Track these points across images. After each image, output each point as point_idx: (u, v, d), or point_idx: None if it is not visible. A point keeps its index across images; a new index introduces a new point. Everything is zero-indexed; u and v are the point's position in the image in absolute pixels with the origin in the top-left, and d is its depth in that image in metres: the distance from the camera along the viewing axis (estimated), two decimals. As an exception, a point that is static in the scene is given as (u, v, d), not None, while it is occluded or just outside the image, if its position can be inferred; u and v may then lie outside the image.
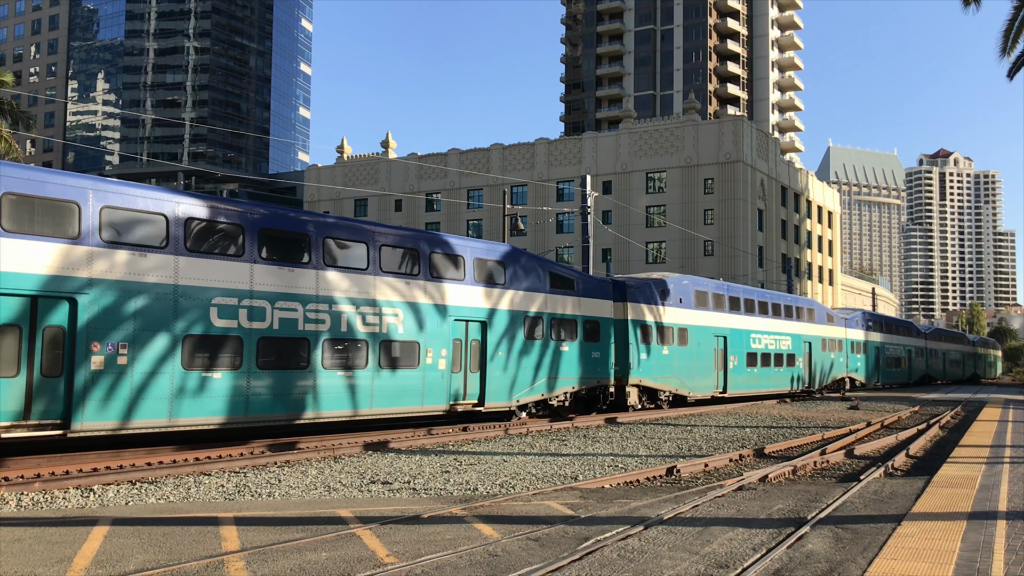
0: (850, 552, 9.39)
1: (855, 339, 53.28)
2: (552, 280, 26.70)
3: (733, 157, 79.85)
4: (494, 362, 24.22)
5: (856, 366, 53.25)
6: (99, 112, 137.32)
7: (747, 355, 38.54)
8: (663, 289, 32.73)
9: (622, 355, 29.95)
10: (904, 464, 18.28)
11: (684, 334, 33.64)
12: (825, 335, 47.93)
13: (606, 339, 29.05)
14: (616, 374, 29.85)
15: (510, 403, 24.91)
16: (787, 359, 42.69)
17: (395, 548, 9.47)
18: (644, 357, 30.84)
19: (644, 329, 31.02)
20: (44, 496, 12.80)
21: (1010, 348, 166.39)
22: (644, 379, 30.89)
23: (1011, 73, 34.79)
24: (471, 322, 23.70)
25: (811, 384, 45.70)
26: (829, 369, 48.34)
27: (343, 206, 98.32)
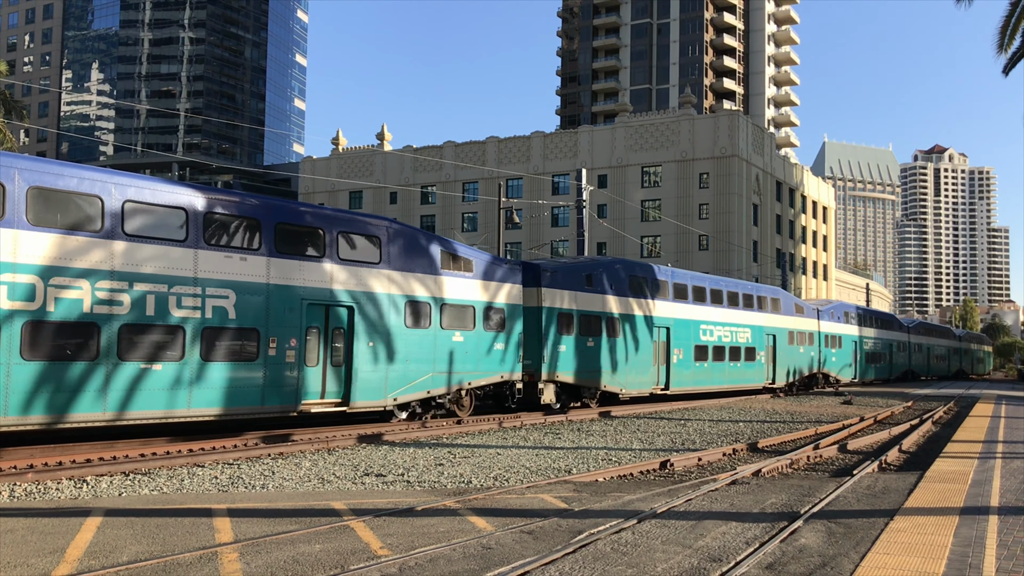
0: (843, 546, 9.41)
1: (829, 332, 50.05)
2: (445, 260, 23.52)
3: (728, 152, 79.88)
4: (364, 354, 20.87)
5: (831, 361, 50.15)
6: (93, 102, 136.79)
7: (695, 348, 35.18)
8: (589, 274, 29.51)
9: (534, 347, 26.75)
10: (897, 459, 18.34)
11: (614, 324, 30.22)
12: (793, 327, 44.54)
13: (513, 329, 25.78)
14: (526, 368, 26.59)
15: (385, 402, 21.58)
16: (746, 353, 39.35)
17: (389, 540, 9.47)
18: (563, 350, 27.63)
19: (563, 318, 27.79)
20: (37, 487, 12.78)
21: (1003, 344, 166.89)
22: (562, 374, 27.57)
23: (1007, 69, 34.79)
24: (334, 307, 20.41)
25: (775, 380, 42.36)
26: (797, 364, 45.06)
27: (338, 198, 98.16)
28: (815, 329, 47.51)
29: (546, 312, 27.14)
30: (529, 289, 26.93)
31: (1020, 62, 34.17)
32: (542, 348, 26.83)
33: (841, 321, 52.36)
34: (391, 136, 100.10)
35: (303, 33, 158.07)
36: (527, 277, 26.99)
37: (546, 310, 27.16)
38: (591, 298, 29.30)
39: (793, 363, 44.35)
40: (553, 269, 28.04)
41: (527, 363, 26.62)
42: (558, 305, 27.68)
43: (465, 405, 24.77)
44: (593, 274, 29.70)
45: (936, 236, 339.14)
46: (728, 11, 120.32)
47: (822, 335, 48.51)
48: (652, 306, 32.69)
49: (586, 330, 28.85)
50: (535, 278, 27.13)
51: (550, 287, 27.42)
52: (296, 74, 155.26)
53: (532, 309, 26.88)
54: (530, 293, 26.96)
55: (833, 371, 50.43)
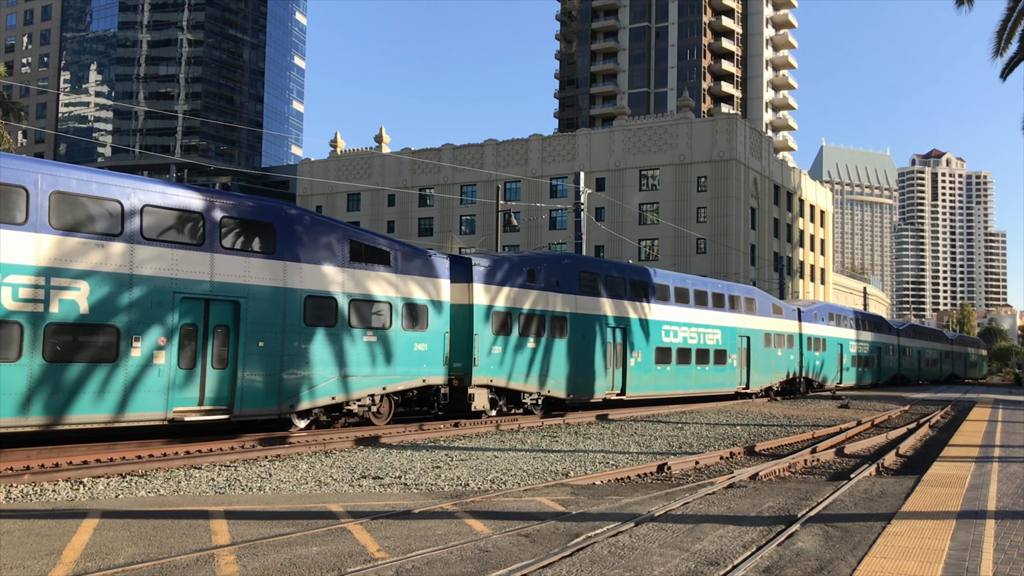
0: (840, 550, 9.41)
1: (812, 334, 47.42)
2: (354, 251, 21.27)
3: (726, 155, 79.95)
4: (252, 356, 18.61)
5: (813, 365, 47.40)
6: (91, 103, 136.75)
7: (656, 351, 32.82)
8: (532, 269, 27.22)
9: (464, 348, 24.57)
10: (894, 463, 18.35)
11: (562, 324, 28.05)
12: (770, 329, 41.91)
13: (438, 328, 23.47)
14: (455, 371, 24.42)
15: (279, 409, 19.29)
16: (715, 356, 36.88)
17: (386, 543, 9.46)
18: (498, 351, 25.37)
19: (500, 317, 25.59)
20: (34, 488, 12.76)
21: (999, 348, 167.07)
22: (497, 378, 25.41)
23: (1004, 74, 34.91)
24: (214, 301, 18.10)
25: (749, 385, 39.78)
26: (775, 368, 42.49)
27: (336, 200, 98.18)
28: (795, 331, 45.21)
29: (478, 310, 24.91)
30: (459, 285, 24.79)
31: (1017, 67, 34.28)
32: (473, 349, 24.60)
33: (825, 323, 50.07)
34: (389, 138, 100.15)
35: (301, 35, 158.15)
36: (457, 272, 24.84)
37: (479, 308, 24.92)
38: (534, 295, 27.08)
39: (770, 367, 41.95)
40: (488, 263, 25.76)
41: (456, 366, 24.45)
42: (493, 303, 25.45)
43: (383, 412, 22.50)
44: (536, 269, 27.41)
45: (933, 240, 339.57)
46: (726, 15, 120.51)
47: (804, 337, 46.13)
48: (606, 305, 30.41)
49: (528, 330, 26.67)
50: (466, 273, 24.96)
51: (484, 283, 25.22)
52: (294, 76, 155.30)
53: (462, 307, 24.75)
54: (460, 289, 24.79)
55: (816, 375, 48.09)
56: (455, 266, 24.92)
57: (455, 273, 24.77)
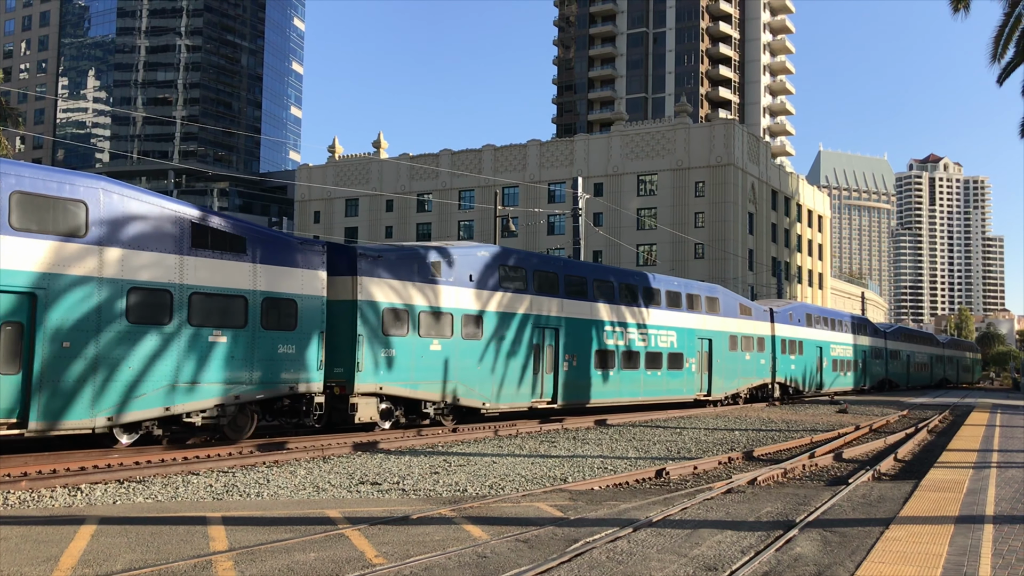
0: (838, 555, 9.41)
1: (787, 337, 44.36)
2: (198, 236, 18.21)
3: (724, 160, 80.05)
4: (55, 358, 15.77)
5: (788, 369, 44.44)
6: (89, 109, 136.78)
7: (597, 354, 29.91)
8: (437, 261, 24.07)
9: (345, 351, 21.37)
10: (892, 468, 18.35)
11: (476, 324, 24.98)
12: (736, 330, 38.92)
13: (311, 327, 20.37)
14: (335, 378, 21.32)
15: (94, 422, 16.44)
16: (669, 360, 33.88)
17: (384, 549, 9.45)
18: (392, 354, 22.22)
19: (392, 316, 22.38)
20: (31, 495, 12.74)
21: (997, 353, 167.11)
22: (390, 385, 22.23)
23: (1001, 79, 34.97)
24: (3, 294, 15.35)
25: (711, 391, 36.82)
26: (743, 373, 39.52)
27: (334, 206, 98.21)
28: (767, 333, 42.33)
29: (364, 307, 21.69)
30: (340, 278, 21.69)
31: (1014, 72, 34.35)
32: (357, 352, 21.35)
33: (802, 324, 47.08)
34: (387, 144, 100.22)
35: (299, 41, 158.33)
36: (337, 263, 21.79)
37: (365, 304, 21.71)
38: (439, 291, 23.91)
39: (737, 372, 38.96)
40: (377, 254, 22.57)
41: (337, 371, 21.35)
42: (384, 299, 22.24)
43: (241, 425, 19.42)
44: (443, 262, 24.32)
45: (931, 245, 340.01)
46: (724, 20, 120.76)
47: (777, 340, 43.19)
48: (533, 303, 27.36)
49: (430, 330, 23.53)
50: (349, 264, 21.82)
51: (371, 276, 22.05)
52: (292, 82, 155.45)
53: (344, 303, 21.62)
54: (341, 283, 21.68)
55: (791, 380, 45.11)
56: (336, 256, 21.86)
57: (336, 264, 21.72)
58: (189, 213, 18.17)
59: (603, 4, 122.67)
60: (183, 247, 17.92)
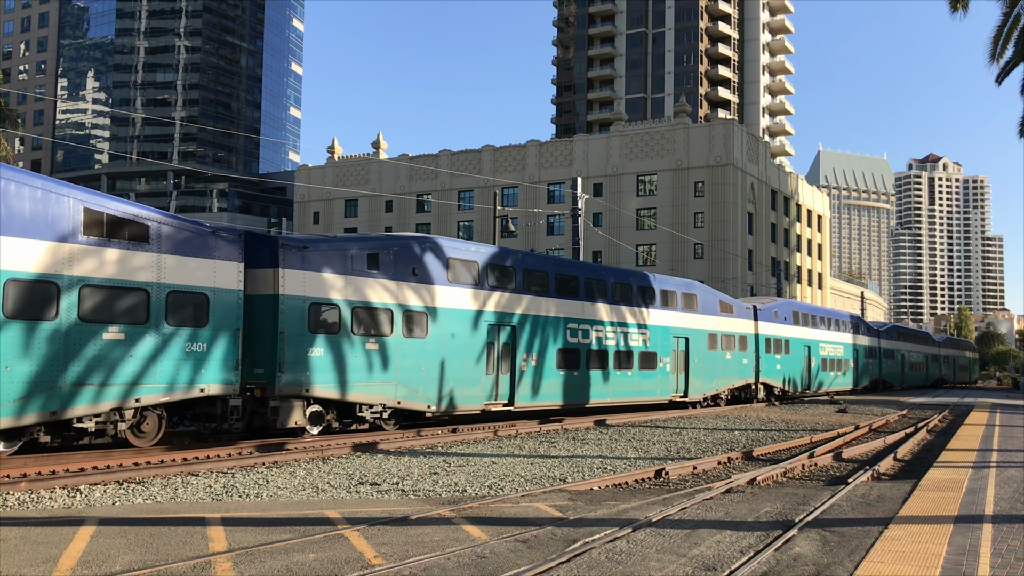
0: (837, 555, 9.42)
1: (772, 335, 42.82)
2: (91, 222, 16.66)
3: (723, 160, 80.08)
4: None
5: (773, 369, 42.82)
6: (89, 110, 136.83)
7: (559, 353, 28.25)
8: (375, 254, 22.31)
9: (267, 350, 19.81)
10: (891, 467, 18.35)
11: (420, 321, 23.19)
12: (716, 329, 37.34)
13: (225, 324, 18.85)
14: (256, 379, 19.80)
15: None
16: (641, 359, 32.26)
17: (383, 549, 9.45)
18: (319, 354, 20.55)
19: (324, 312, 20.82)
20: (30, 496, 12.74)
21: (997, 352, 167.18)
22: (319, 387, 20.46)
23: (999, 78, 35.00)
24: None
25: (688, 392, 35.16)
26: (723, 373, 37.96)
27: (333, 206, 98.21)
28: (750, 331, 40.77)
29: (288, 302, 20.03)
30: (261, 271, 20.08)
31: (1013, 71, 34.39)
32: (280, 351, 19.73)
33: (788, 322, 45.37)
34: (387, 144, 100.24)
35: (299, 42, 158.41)
36: (257, 254, 20.09)
37: (288, 299, 20.05)
38: (376, 285, 22.11)
39: (716, 372, 37.39)
40: (303, 245, 20.81)
41: (258, 372, 19.77)
42: (311, 293, 20.59)
43: (147, 431, 17.97)
44: (382, 254, 22.45)
45: (931, 245, 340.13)
46: (723, 21, 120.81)
47: (761, 338, 41.64)
48: (486, 298, 25.53)
49: (366, 328, 21.76)
50: (272, 256, 20.12)
51: (298, 268, 20.40)
52: (292, 83, 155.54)
53: (266, 298, 20.01)
54: (262, 275, 20.06)
55: (776, 381, 43.44)
56: (256, 247, 20.20)
57: (256, 256, 20.07)
58: (80, 197, 16.64)
59: (602, 4, 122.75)
60: (73, 235, 16.35)
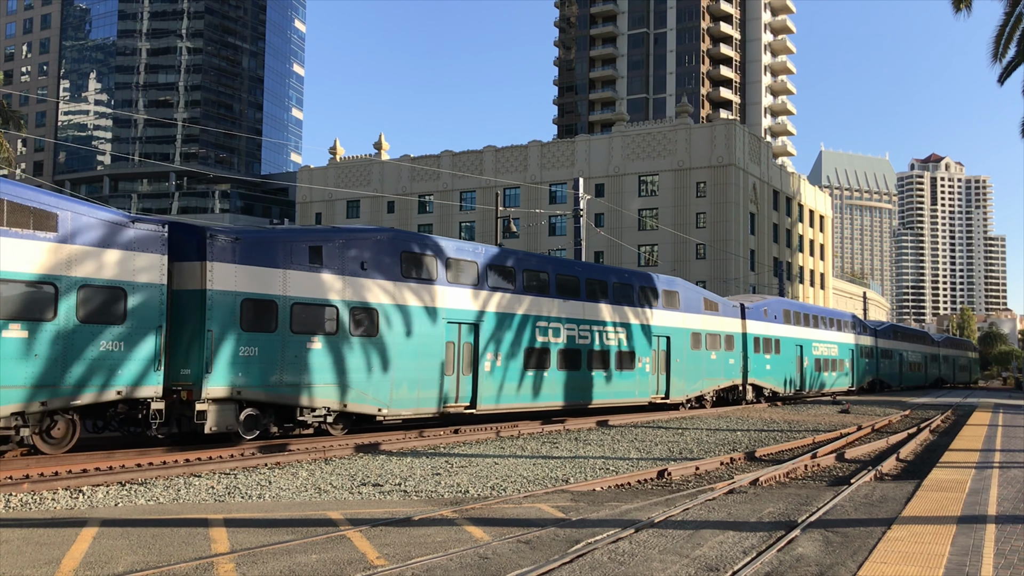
0: (840, 555, 9.40)
1: (761, 334, 41.46)
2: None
3: (725, 161, 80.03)
4: None
5: (762, 370, 41.40)
6: (91, 112, 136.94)
7: (527, 353, 26.72)
8: (317, 246, 20.72)
9: (194, 349, 18.28)
10: (894, 468, 18.33)
11: (369, 318, 21.65)
12: (700, 327, 35.94)
13: (145, 320, 17.47)
14: (181, 380, 18.23)
15: None
16: (618, 358, 30.83)
17: (385, 550, 9.45)
18: (254, 354, 19.04)
19: (259, 308, 19.29)
20: (33, 497, 12.74)
21: (1000, 352, 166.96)
22: (252, 389, 19.00)
23: (1002, 78, 34.95)
24: None
25: (670, 394, 33.76)
26: (708, 373, 36.48)
27: (335, 207, 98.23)
28: (737, 330, 39.35)
29: (217, 297, 18.53)
30: (188, 264, 18.55)
31: (1015, 71, 34.35)
32: (206, 351, 18.20)
33: (779, 321, 43.95)
34: (388, 145, 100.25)
35: (300, 43, 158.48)
36: (183, 246, 18.57)
37: (217, 295, 18.54)
38: (318, 280, 20.58)
39: (700, 372, 35.92)
40: (235, 236, 19.26)
41: (184, 373, 18.27)
42: (244, 288, 19.09)
43: (57, 436, 16.80)
44: (326, 246, 20.94)
45: (933, 245, 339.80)
46: (724, 21, 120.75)
47: (749, 338, 40.19)
48: (447, 295, 24.06)
49: (308, 326, 20.25)
50: (198, 247, 18.56)
51: (228, 262, 18.87)
52: (293, 83, 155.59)
53: (192, 293, 18.52)
54: (189, 269, 18.54)
55: (766, 381, 42.06)
56: (182, 238, 18.63)
57: (182, 248, 18.57)
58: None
59: (604, 5, 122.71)
60: None
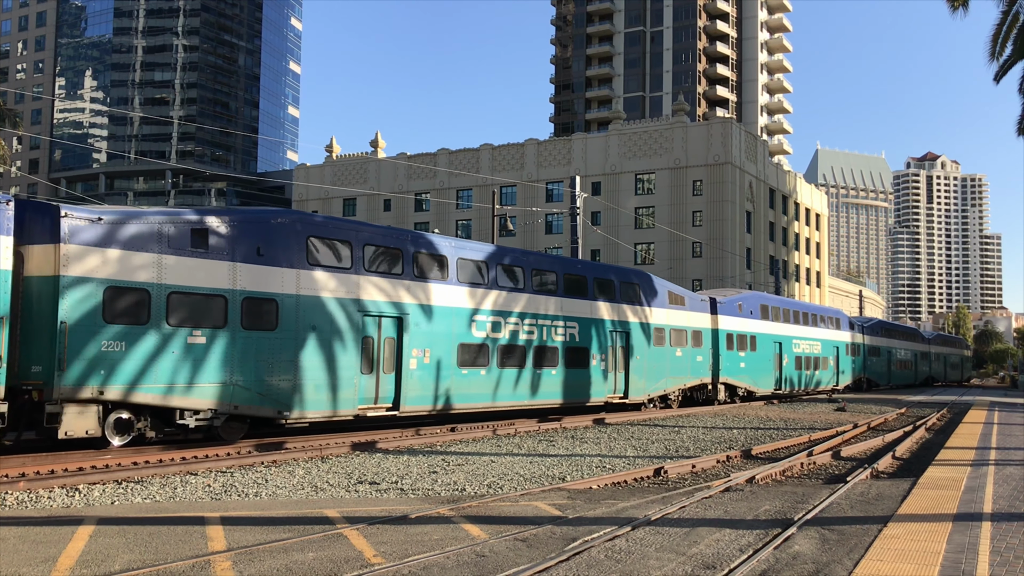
0: (836, 553, 9.42)
1: (734, 330, 39.31)
2: None
3: (722, 159, 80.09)
4: None
5: (736, 368, 39.38)
6: (87, 110, 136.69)
7: (460, 348, 24.45)
8: (201, 228, 18.51)
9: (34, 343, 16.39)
10: (890, 466, 18.37)
11: (269, 309, 19.53)
12: (663, 322, 33.68)
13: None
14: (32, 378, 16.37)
15: None
16: (568, 355, 28.64)
17: (382, 548, 9.45)
18: (120, 349, 17.03)
19: (129, 299, 17.30)
20: (29, 495, 12.73)
21: (995, 351, 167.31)
22: (117, 388, 16.89)
23: (998, 77, 35.03)
24: None
25: (628, 393, 31.61)
26: (672, 371, 34.32)
27: (332, 205, 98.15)
28: (707, 326, 37.30)
29: (74, 285, 16.58)
30: (39, 247, 16.60)
31: (1011, 70, 34.43)
32: (59, 345, 16.25)
33: (755, 317, 41.92)
34: (385, 143, 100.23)
35: (297, 40, 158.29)
36: (33, 227, 16.62)
37: (74, 282, 16.58)
38: (203, 266, 18.46)
39: (664, 370, 33.76)
40: (96, 216, 17.17)
41: (35, 371, 16.38)
42: (108, 275, 17.08)
43: None
44: (212, 229, 18.70)
45: (929, 243, 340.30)
46: (721, 19, 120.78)
47: (721, 334, 38.12)
48: (364, 285, 21.80)
49: (189, 318, 18.11)
50: (51, 229, 16.59)
51: (88, 244, 16.86)
52: (290, 81, 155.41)
53: (43, 280, 16.60)
54: (41, 253, 16.59)
55: (741, 380, 40.01)
56: (31, 217, 16.68)
57: (32, 229, 16.58)
58: None
59: (600, 3, 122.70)
60: None
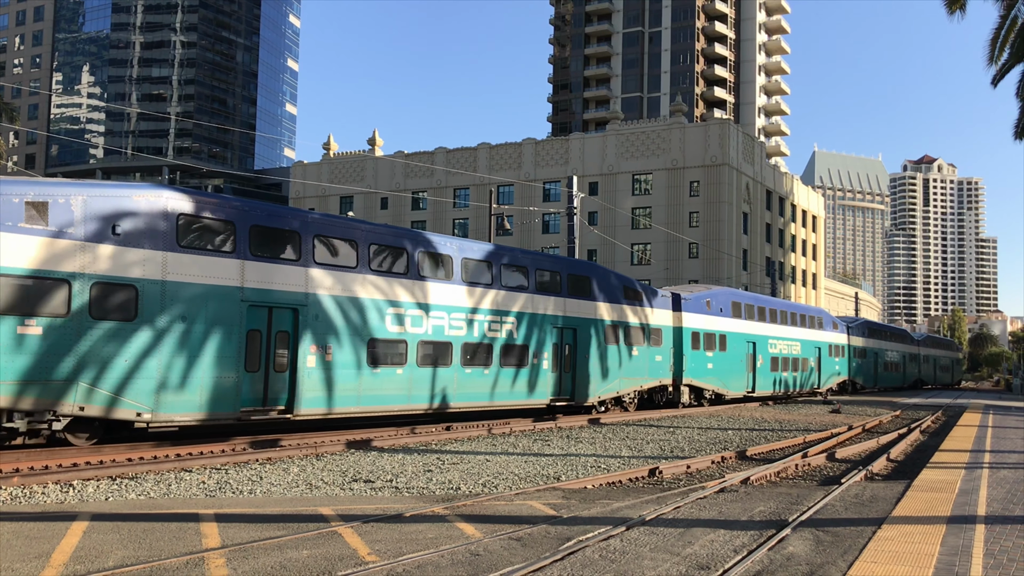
0: (830, 555, 9.43)
1: (701, 329, 37.08)
2: None
3: (719, 160, 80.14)
4: None
5: (702, 368, 37.10)
6: (84, 105, 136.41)
7: (371, 344, 22.02)
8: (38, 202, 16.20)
9: None
10: (885, 468, 18.39)
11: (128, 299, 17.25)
12: (616, 319, 31.41)
13: None
14: None
15: None
16: (504, 353, 26.17)
17: (377, 546, 9.44)
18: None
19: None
20: (23, 491, 12.70)
21: (990, 354, 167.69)
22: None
23: (995, 80, 35.05)
24: None
25: (575, 394, 29.37)
26: (629, 372, 32.09)
27: (329, 203, 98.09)
28: (667, 323, 35.00)
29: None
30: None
31: (1009, 73, 34.46)
32: None
33: (726, 314, 39.61)
34: (382, 141, 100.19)
35: (295, 38, 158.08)
36: None
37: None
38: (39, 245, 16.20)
39: (616, 370, 31.40)
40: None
41: None
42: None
43: None
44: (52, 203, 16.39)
45: (925, 246, 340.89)
46: (719, 20, 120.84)
47: (685, 332, 35.80)
48: (252, 272, 19.48)
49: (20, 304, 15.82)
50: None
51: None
52: (287, 79, 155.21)
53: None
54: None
55: (708, 382, 37.74)
56: None
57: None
58: None
59: (599, 3, 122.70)
60: None
